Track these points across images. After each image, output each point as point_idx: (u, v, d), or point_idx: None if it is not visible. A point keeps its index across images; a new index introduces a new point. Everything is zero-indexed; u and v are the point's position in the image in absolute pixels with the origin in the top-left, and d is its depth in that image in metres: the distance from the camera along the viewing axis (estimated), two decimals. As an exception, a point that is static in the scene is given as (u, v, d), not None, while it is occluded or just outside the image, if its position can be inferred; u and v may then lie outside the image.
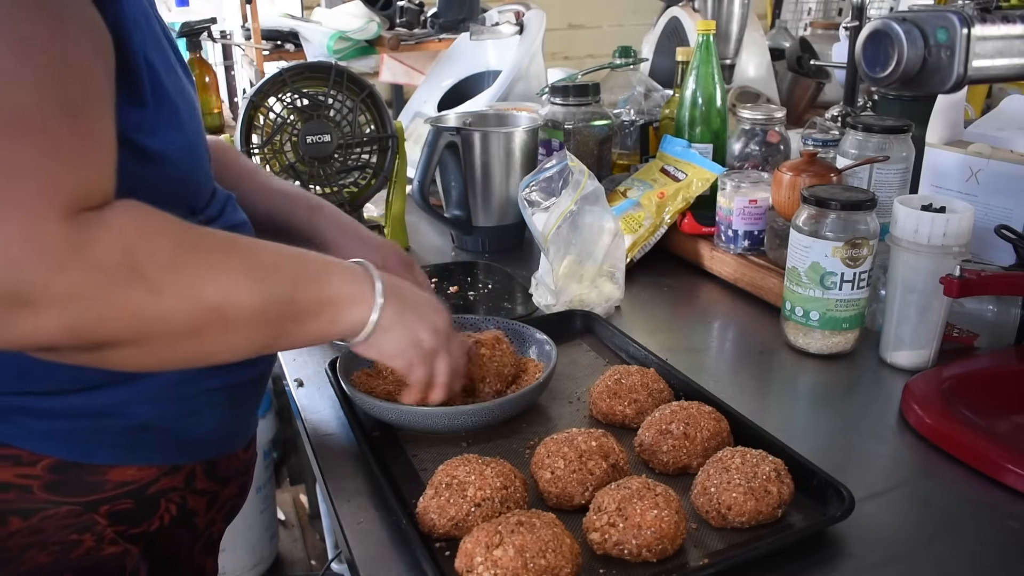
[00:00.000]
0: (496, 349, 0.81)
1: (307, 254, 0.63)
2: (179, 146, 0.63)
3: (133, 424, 0.65)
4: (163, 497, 0.68)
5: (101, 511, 0.65)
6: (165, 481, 0.68)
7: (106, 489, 0.65)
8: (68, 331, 0.50)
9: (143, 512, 0.67)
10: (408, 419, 0.75)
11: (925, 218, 0.84)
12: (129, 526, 0.67)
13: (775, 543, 0.61)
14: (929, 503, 0.69)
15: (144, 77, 0.59)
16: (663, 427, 0.71)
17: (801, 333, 0.94)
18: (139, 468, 0.66)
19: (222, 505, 0.76)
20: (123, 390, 0.64)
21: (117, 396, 0.64)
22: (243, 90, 2.42)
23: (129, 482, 0.66)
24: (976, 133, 1.06)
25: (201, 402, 0.69)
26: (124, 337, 0.52)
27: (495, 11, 1.85)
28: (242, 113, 1.12)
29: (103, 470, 0.64)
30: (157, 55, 0.61)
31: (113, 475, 0.65)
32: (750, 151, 1.26)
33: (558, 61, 2.85)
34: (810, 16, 2.20)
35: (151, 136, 0.60)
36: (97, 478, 0.64)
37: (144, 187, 0.56)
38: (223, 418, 0.72)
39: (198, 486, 0.71)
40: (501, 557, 0.55)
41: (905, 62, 0.83)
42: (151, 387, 0.65)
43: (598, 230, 1.03)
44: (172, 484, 0.69)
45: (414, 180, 1.24)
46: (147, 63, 0.59)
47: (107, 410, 0.64)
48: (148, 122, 0.60)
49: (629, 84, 1.48)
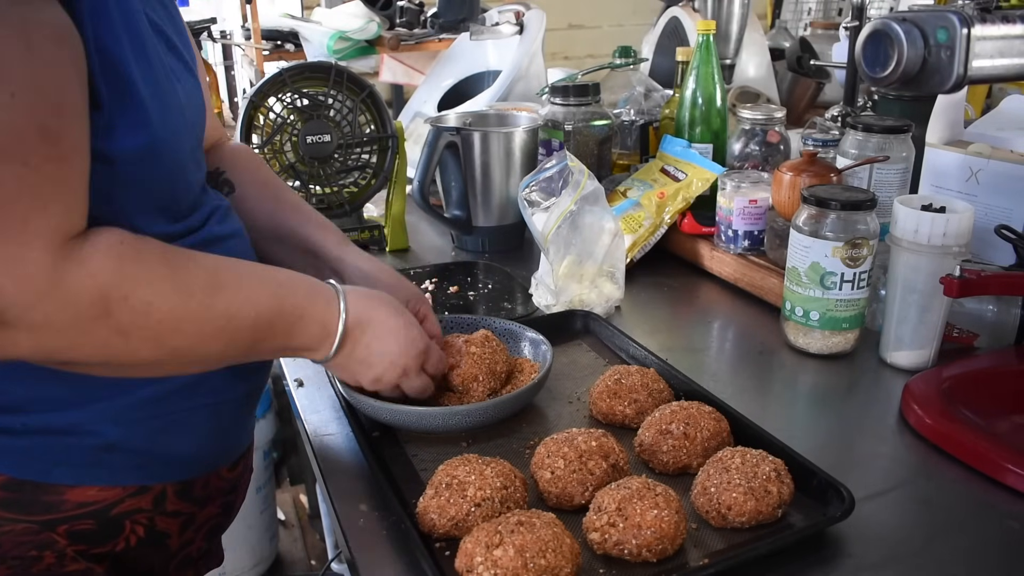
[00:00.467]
0: (486, 347, 0.81)
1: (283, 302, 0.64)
2: (141, 146, 0.58)
3: (97, 443, 0.62)
4: (128, 519, 0.65)
5: (59, 531, 0.62)
6: (130, 502, 0.65)
7: (64, 509, 0.62)
8: (39, 352, 0.54)
9: (105, 533, 0.65)
10: (406, 419, 0.75)
11: (925, 218, 0.84)
12: (91, 546, 0.64)
13: (775, 543, 0.61)
14: (929, 503, 0.69)
15: (97, 76, 0.55)
16: (663, 427, 0.71)
17: (801, 333, 0.94)
18: (100, 488, 0.63)
19: (200, 526, 0.73)
20: (88, 409, 0.61)
21: (81, 415, 0.61)
22: (243, 90, 2.42)
23: (89, 503, 0.63)
24: (976, 133, 1.06)
25: (176, 420, 0.66)
26: (92, 362, 0.57)
27: (495, 11, 1.85)
28: (242, 113, 1.13)
29: (61, 490, 0.62)
30: (127, 41, 0.57)
31: (72, 495, 0.62)
32: (750, 151, 1.26)
33: (558, 61, 2.85)
34: (810, 16, 2.20)
35: (106, 139, 0.56)
36: (54, 498, 0.62)
37: (109, 191, 0.56)
38: (202, 437, 0.69)
39: (168, 508, 0.68)
40: (501, 557, 0.55)
41: (905, 62, 0.83)
42: (120, 407, 0.62)
43: (598, 230, 1.03)
44: (138, 505, 0.65)
45: (414, 180, 1.24)
46: (104, 56, 0.55)
47: (69, 428, 0.61)
48: (103, 123, 0.56)
49: (629, 84, 1.48)
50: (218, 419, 0.70)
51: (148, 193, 0.61)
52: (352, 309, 0.67)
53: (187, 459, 0.69)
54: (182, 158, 0.64)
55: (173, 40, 0.66)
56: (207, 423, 0.69)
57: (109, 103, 0.56)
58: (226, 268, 0.61)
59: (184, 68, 0.67)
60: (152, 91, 0.58)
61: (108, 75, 0.55)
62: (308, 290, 0.66)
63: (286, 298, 0.64)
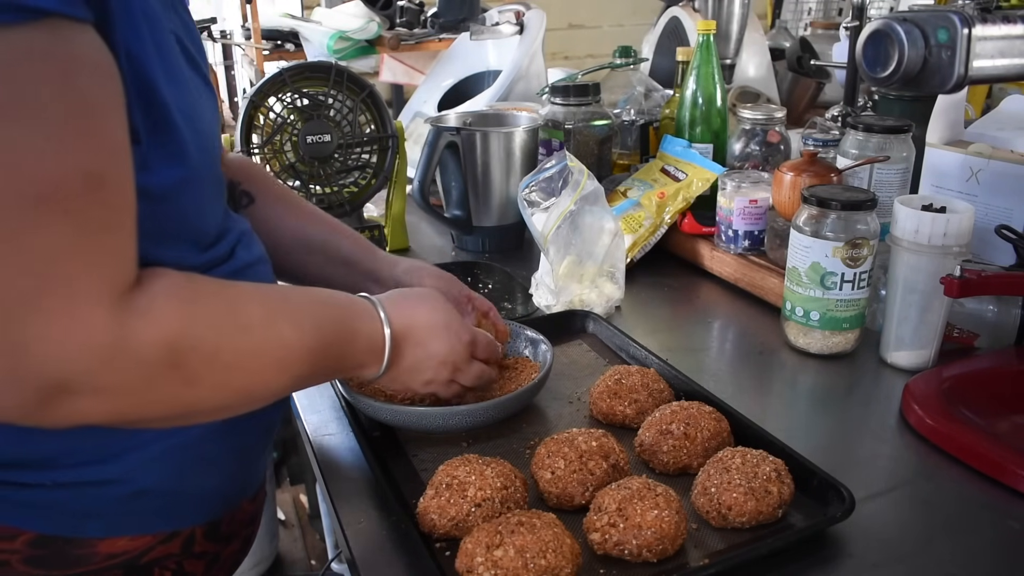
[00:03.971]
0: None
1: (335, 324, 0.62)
2: (178, 178, 0.56)
3: (128, 492, 0.60)
4: (157, 565, 0.63)
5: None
6: (160, 549, 0.63)
7: (93, 562, 0.60)
8: (111, 416, 0.50)
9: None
10: (406, 419, 0.75)
11: (925, 218, 0.84)
12: None
13: (775, 543, 0.61)
14: (929, 503, 0.69)
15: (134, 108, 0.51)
16: (663, 427, 0.71)
17: (801, 333, 0.94)
18: (131, 538, 0.61)
19: (223, 563, 0.71)
20: (120, 461, 0.59)
21: (113, 467, 0.59)
22: (243, 90, 2.42)
23: (119, 553, 0.61)
24: (976, 133, 1.06)
25: (208, 461, 0.64)
26: (157, 419, 0.54)
27: (495, 11, 1.85)
28: (242, 113, 1.12)
29: (91, 543, 0.59)
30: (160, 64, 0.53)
31: (102, 547, 0.60)
32: (750, 151, 1.26)
33: (558, 61, 2.85)
34: (810, 16, 2.20)
35: (143, 173, 0.52)
36: (84, 551, 0.59)
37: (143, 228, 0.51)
38: (228, 474, 0.67)
39: (196, 550, 0.66)
40: (501, 557, 0.55)
41: (906, 62, 0.83)
42: (153, 454, 0.60)
43: (598, 230, 1.03)
44: (168, 551, 0.63)
45: (414, 180, 1.24)
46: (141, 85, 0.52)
47: (100, 479, 0.58)
48: (140, 158, 0.52)
49: (629, 84, 1.48)
50: (246, 454, 0.69)
51: (181, 224, 0.58)
52: (394, 319, 0.66)
53: (216, 498, 0.67)
54: (211, 183, 0.62)
55: (191, 52, 0.61)
56: (236, 460, 0.67)
57: (147, 136, 0.53)
58: (276, 298, 0.59)
59: (203, 82, 0.63)
60: (185, 117, 0.55)
61: (145, 106, 0.52)
62: (351, 308, 0.65)
63: (336, 320, 0.62)
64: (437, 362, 0.70)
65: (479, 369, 0.74)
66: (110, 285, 0.47)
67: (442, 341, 0.70)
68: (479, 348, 0.74)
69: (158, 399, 0.51)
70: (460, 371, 0.72)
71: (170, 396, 0.51)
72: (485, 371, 0.75)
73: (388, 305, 0.67)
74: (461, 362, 0.71)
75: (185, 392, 0.52)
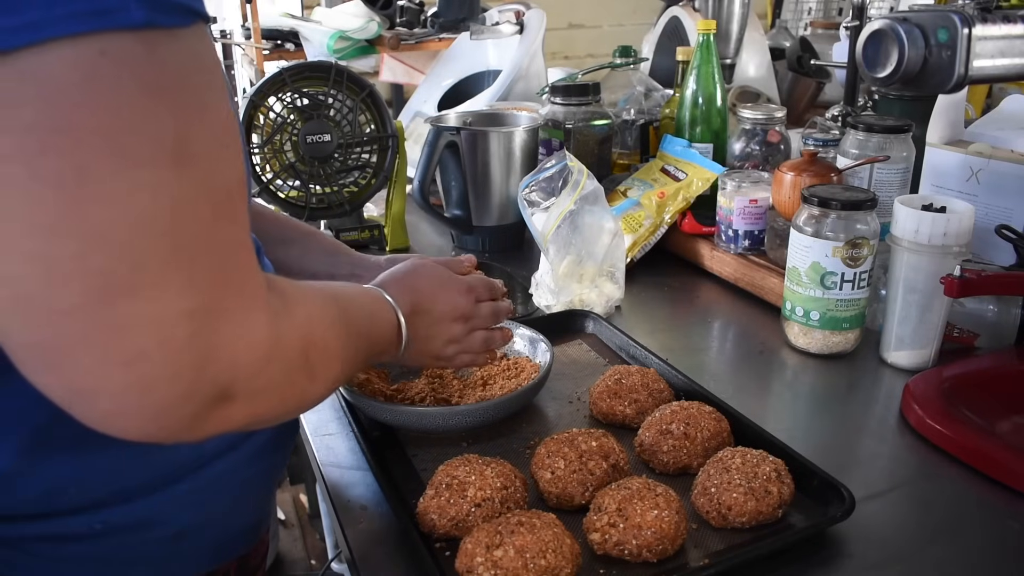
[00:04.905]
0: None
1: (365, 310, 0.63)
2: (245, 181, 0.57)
3: (169, 534, 0.57)
4: None
5: None
6: None
7: None
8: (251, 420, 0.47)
9: None
10: (406, 419, 0.75)
11: (926, 218, 0.84)
12: None
13: (775, 543, 0.61)
14: (929, 503, 0.69)
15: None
16: (663, 427, 0.71)
17: (801, 333, 0.94)
18: None
19: None
20: (165, 493, 0.56)
21: (158, 501, 0.56)
22: (243, 90, 2.42)
23: None
24: (976, 133, 1.06)
25: (243, 491, 0.62)
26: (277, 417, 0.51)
27: (495, 11, 1.85)
28: (242, 113, 1.12)
29: None
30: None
31: None
32: (750, 151, 1.26)
33: (558, 61, 2.85)
34: (810, 16, 2.20)
35: None
36: None
37: None
38: (260, 503, 0.66)
39: None
40: (501, 557, 0.55)
41: (906, 62, 0.83)
42: (195, 486, 0.58)
43: (598, 230, 1.03)
44: None
45: (414, 180, 1.24)
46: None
47: (145, 520, 0.56)
48: None
49: (629, 84, 1.48)
50: (271, 478, 0.67)
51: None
52: (399, 300, 0.67)
53: (249, 530, 0.66)
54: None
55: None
56: (266, 487, 0.66)
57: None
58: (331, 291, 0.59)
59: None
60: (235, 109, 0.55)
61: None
62: (369, 295, 0.65)
63: (364, 306, 0.63)
64: (449, 320, 0.71)
65: (490, 308, 0.74)
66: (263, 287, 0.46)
67: (444, 300, 0.70)
68: (480, 290, 0.74)
69: (289, 396, 0.50)
70: (473, 319, 0.73)
71: (299, 392, 0.50)
72: (497, 307, 0.76)
73: (389, 287, 0.67)
74: (469, 310, 0.72)
75: (309, 387, 0.51)
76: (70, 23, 0.35)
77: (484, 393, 0.80)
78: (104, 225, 0.38)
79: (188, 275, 0.40)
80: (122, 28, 0.37)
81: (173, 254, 0.40)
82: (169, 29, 0.39)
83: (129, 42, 0.37)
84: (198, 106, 0.41)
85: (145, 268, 0.39)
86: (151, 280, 0.39)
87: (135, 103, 0.38)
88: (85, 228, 0.37)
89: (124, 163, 0.38)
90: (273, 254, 0.77)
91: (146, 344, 0.39)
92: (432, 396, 0.80)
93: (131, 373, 0.39)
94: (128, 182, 0.38)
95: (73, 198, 0.37)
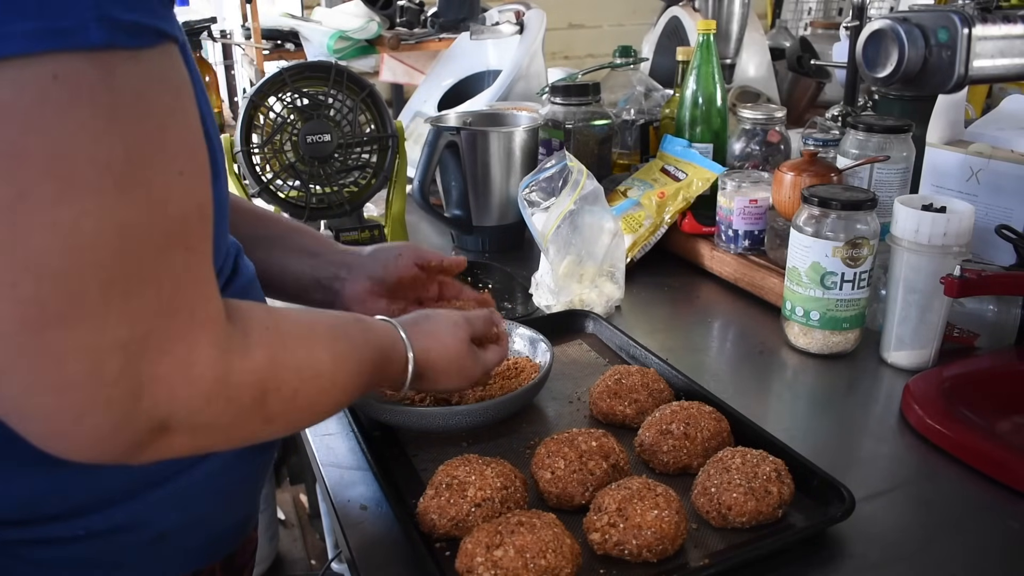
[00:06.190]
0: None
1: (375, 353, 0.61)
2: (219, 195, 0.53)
3: (152, 536, 0.57)
4: None
5: None
6: None
7: None
8: (192, 451, 0.47)
9: None
10: (406, 419, 0.75)
11: (926, 218, 0.84)
12: None
13: (775, 543, 0.61)
14: (929, 503, 0.69)
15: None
16: (663, 427, 0.71)
17: (801, 333, 0.94)
18: None
19: None
20: (148, 496, 0.56)
21: (141, 505, 0.55)
22: (243, 90, 2.42)
23: None
24: (976, 133, 1.06)
25: (227, 493, 0.62)
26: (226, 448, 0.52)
27: (495, 11, 1.85)
28: (242, 113, 1.12)
29: None
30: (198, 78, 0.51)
31: None
32: (750, 151, 1.26)
33: (558, 61, 2.85)
34: (810, 16, 2.20)
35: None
36: None
37: None
38: (246, 501, 0.65)
39: None
40: (501, 557, 0.55)
41: (906, 62, 0.83)
42: (179, 488, 0.57)
43: (598, 230, 1.03)
44: None
45: (414, 180, 1.24)
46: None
47: (128, 523, 0.55)
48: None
49: (629, 84, 1.48)
50: (257, 478, 0.66)
51: (219, 241, 0.55)
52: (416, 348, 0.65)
53: (234, 529, 0.65)
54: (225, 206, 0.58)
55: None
56: (252, 487, 0.65)
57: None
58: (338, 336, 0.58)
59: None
60: (212, 125, 0.52)
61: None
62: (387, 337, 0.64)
63: (380, 351, 0.62)
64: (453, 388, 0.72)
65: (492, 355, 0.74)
66: (216, 320, 0.45)
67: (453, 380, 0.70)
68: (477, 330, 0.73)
69: (238, 435, 0.50)
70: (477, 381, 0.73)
71: (249, 432, 0.50)
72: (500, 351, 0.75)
73: (409, 333, 0.66)
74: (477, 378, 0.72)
75: (261, 429, 0.51)
76: (23, 42, 0.35)
77: (484, 393, 0.80)
78: (41, 253, 0.37)
79: (127, 305, 0.40)
80: (79, 49, 0.36)
81: (113, 283, 0.39)
82: (131, 50, 0.38)
83: (84, 64, 0.36)
84: (156, 130, 0.40)
85: (81, 297, 0.38)
86: (87, 310, 0.39)
87: (85, 128, 0.37)
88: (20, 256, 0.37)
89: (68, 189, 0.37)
90: (253, 255, 0.74)
91: (76, 373, 0.39)
92: (432, 396, 0.80)
93: (62, 400, 0.39)
94: (71, 209, 0.37)
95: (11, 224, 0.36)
